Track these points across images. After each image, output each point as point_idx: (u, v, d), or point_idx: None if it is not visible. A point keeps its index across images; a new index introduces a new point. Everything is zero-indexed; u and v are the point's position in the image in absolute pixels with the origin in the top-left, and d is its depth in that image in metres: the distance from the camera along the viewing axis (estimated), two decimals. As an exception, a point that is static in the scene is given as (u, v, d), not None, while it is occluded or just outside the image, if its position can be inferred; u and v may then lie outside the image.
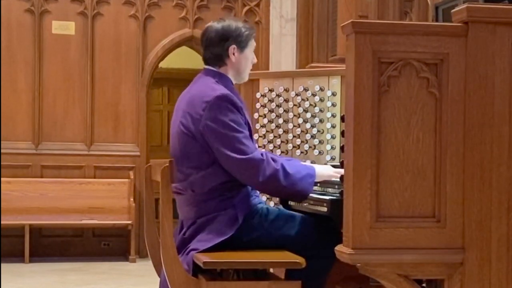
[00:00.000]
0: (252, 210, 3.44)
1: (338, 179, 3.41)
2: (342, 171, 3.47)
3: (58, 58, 9.03)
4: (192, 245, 3.36)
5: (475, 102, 2.63)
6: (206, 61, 3.56)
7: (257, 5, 9.46)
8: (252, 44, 3.58)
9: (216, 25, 3.53)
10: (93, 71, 9.10)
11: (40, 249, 8.85)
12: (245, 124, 3.41)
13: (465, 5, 2.63)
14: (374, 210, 2.59)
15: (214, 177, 3.38)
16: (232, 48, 3.50)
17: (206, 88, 3.43)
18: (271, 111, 4.27)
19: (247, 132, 3.39)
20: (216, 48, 3.50)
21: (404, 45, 2.61)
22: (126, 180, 9.07)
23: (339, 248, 2.67)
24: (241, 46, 3.52)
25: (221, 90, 3.40)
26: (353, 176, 2.58)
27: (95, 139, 9.14)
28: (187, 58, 10.95)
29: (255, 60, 3.63)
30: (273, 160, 3.35)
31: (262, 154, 3.34)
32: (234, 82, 3.55)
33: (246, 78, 3.64)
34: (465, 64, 2.63)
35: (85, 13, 9.08)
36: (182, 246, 3.41)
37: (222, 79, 3.50)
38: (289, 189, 3.34)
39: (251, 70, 3.69)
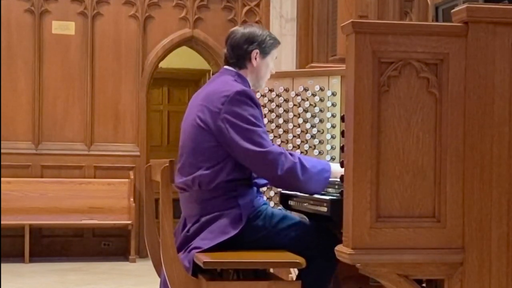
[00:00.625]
0: (256, 211, 3.44)
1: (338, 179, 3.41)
2: None
3: (58, 58, 9.03)
4: (195, 243, 3.37)
5: (475, 102, 2.63)
6: (227, 62, 3.60)
7: (257, 5, 9.46)
8: (274, 54, 3.62)
9: (243, 29, 3.60)
10: (93, 71, 9.10)
11: (40, 249, 8.85)
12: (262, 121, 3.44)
13: (465, 5, 2.63)
14: (374, 210, 2.59)
15: (222, 173, 3.39)
16: (255, 53, 3.54)
17: (225, 84, 3.47)
18: (271, 111, 4.28)
19: (265, 128, 3.42)
20: (239, 50, 3.55)
21: (404, 45, 2.61)
22: (126, 180, 9.07)
23: (339, 248, 2.67)
24: (264, 53, 3.56)
25: (240, 86, 3.44)
26: (353, 176, 2.58)
27: (95, 139, 9.14)
28: (187, 58, 10.95)
29: (274, 71, 3.69)
30: (291, 154, 3.36)
31: (280, 148, 3.36)
32: (250, 87, 3.58)
33: (263, 85, 3.69)
34: (465, 64, 2.63)
35: (85, 13, 9.08)
36: (185, 244, 3.42)
37: (240, 79, 3.53)
38: (305, 183, 3.33)
39: None
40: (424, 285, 2.88)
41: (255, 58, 3.54)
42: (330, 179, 3.39)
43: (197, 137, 3.43)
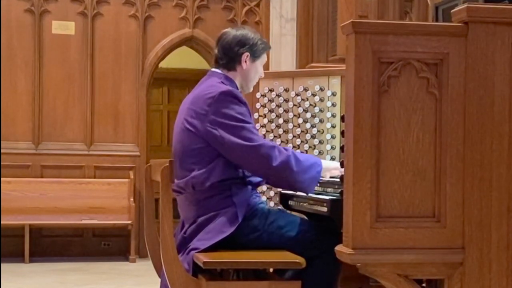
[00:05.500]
0: (252, 210, 3.45)
1: (338, 179, 3.41)
2: None
3: (58, 58, 9.03)
4: (193, 245, 3.37)
5: (475, 102, 2.63)
6: (217, 63, 3.61)
7: (257, 5, 9.46)
8: (264, 58, 3.65)
9: (235, 31, 3.61)
10: (93, 71, 9.10)
11: (40, 249, 8.85)
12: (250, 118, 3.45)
13: (465, 5, 2.63)
14: (374, 210, 2.59)
15: (215, 174, 3.39)
16: (245, 55, 3.56)
17: (211, 86, 3.48)
18: (271, 111, 4.27)
19: (253, 124, 3.44)
20: (230, 51, 3.56)
21: (404, 45, 2.61)
22: (126, 180, 9.07)
23: (339, 248, 2.67)
24: (254, 56, 3.58)
25: (225, 86, 3.45)
26: (353, 176, 2.58)
27: (95, 139, 9.14)
28: (187, 58, 10.96)
29: (263, 75, 3.71)
30: (284, 149, 3.37)
31: (271, 142, 3.39)
32: (238, 89, 3.58)
33: (250, 89, 3.70)
34: (465, 64, 2.63)
35: (85, 13, 9.08)
36: (183, 246, 3.42)
37: (227, 81, 3.53)
38: (298, 175, 3.32)
39: None
40: (424, 285, 2.88)
41: (245, 61, 3.56)
42: (321, 176, 3.40)
43: (186, 140, 3.45)
